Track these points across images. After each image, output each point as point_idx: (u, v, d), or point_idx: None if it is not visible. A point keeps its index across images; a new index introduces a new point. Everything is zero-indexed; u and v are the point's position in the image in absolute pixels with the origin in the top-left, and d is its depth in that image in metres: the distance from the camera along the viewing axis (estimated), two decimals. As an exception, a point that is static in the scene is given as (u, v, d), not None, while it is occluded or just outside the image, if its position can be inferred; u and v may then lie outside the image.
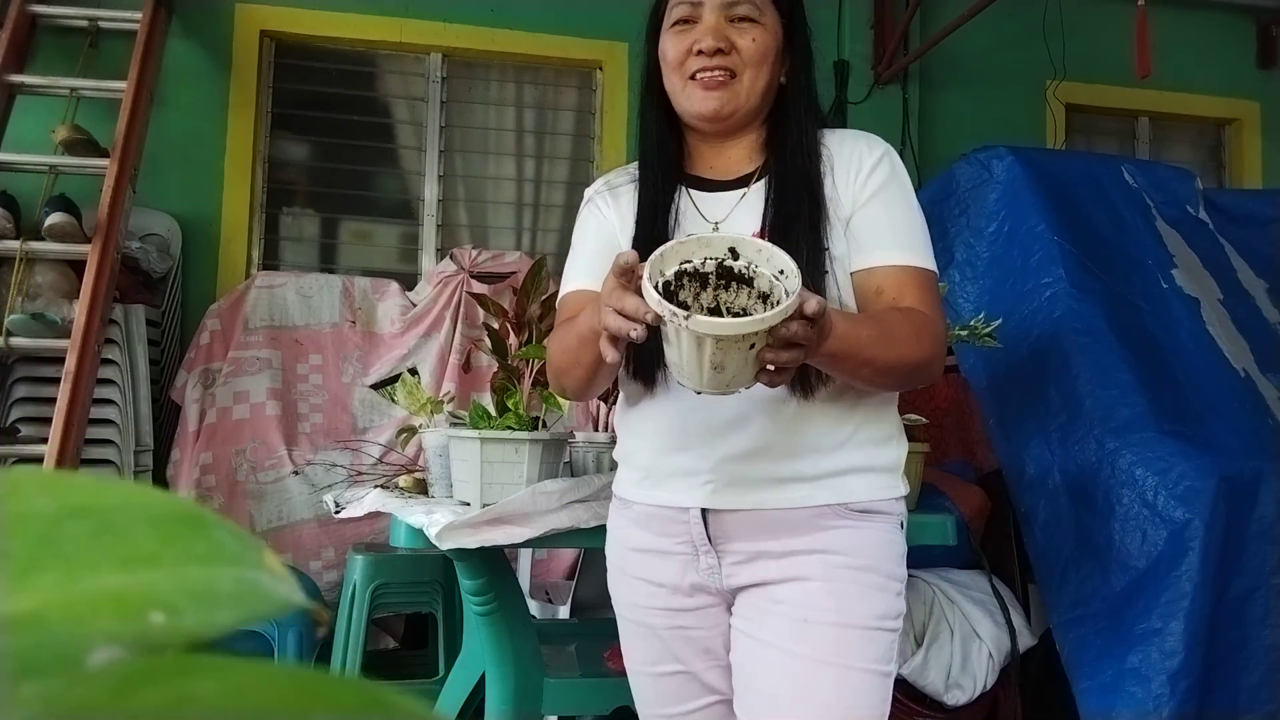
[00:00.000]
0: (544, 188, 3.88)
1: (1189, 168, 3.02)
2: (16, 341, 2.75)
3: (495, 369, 1.87)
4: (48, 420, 2.63)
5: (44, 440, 2.61)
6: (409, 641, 3.15)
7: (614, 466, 1.88)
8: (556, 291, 1.92)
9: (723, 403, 1.17)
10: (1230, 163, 4.40)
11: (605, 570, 1.38)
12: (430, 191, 3.71)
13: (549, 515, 1.61)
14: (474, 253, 3.48)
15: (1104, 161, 2.84)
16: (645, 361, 1.22)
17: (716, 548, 1.22)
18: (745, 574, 1.21)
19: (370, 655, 2.65)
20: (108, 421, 2.90)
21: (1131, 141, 4.33)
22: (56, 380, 2.66)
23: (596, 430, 2.05)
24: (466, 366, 3.09)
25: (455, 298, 3.38)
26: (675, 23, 1.33)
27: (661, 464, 1.25)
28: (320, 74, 3.68)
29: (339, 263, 3.71)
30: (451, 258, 3.48)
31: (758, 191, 1.26)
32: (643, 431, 1.28)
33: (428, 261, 3.67)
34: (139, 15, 3.12)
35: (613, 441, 1.93)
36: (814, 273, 1.16)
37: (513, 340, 1.85)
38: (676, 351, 0.99)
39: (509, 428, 1.71)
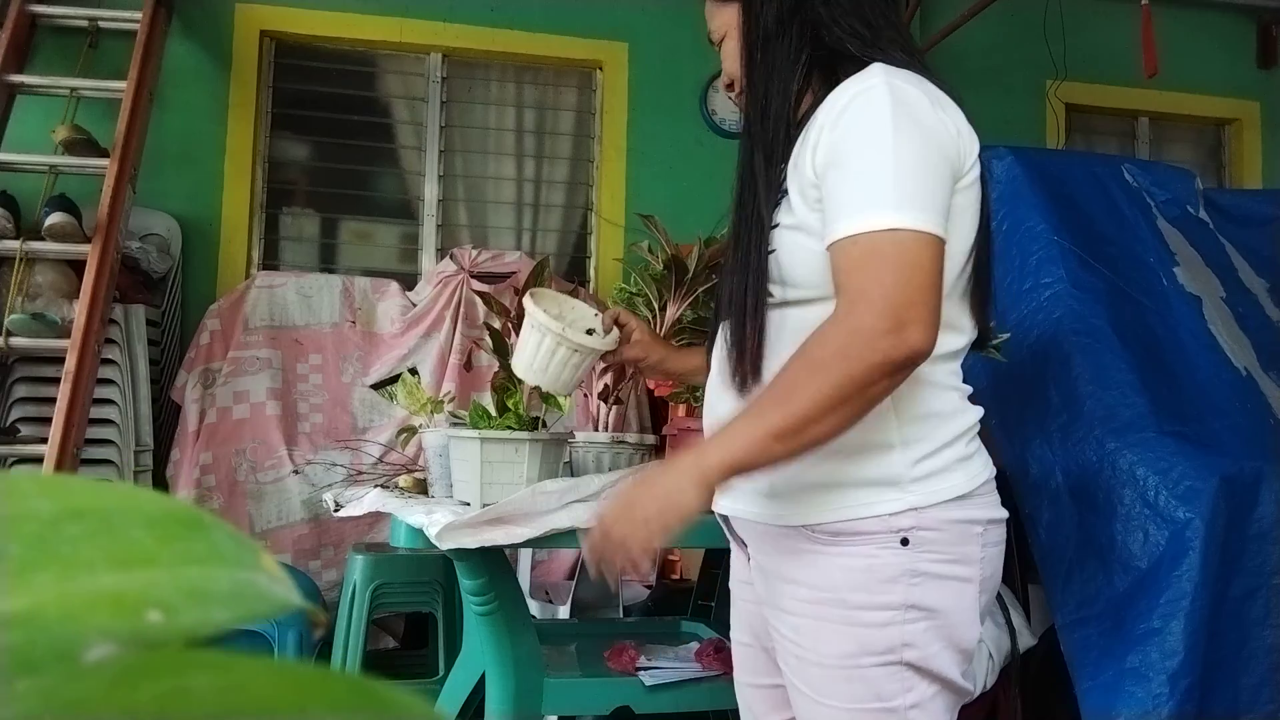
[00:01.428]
0: (544, 188, 3.88)
1: (1189, 168, 3.02)
2: (16, 341, 2.75)
3: (496, 369, 1.87)
4: (48, 420, 2.63)
5: (44, 440, 2.61)
6: (409, 641, 3.15)
7: (614, 466, 1.88)
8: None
9: (721, 406, 1.18)
10: (1230, 163, 4.40)
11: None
12: (430, 191, 3.71)
13: (549, 515, 1.61)
14: (474, 253, 3.48)
15: (1104, 161, 2.84)
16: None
17: (745, 551, 1.25)
18: (761, 583, 1.20)
19: (370, 655, 2.65)
20: (108, 421, 2.90)
21: (1131, 141, 4.33)
22: (56, 380, 2.66)
23: (596, 430, 2.05)
24: (467, 366, 3.09)
25: (455, 297, 3.38)
26: None
27: None
28: (320, 74, 3.68)
29: (339, 263, 3.71)
30: (451, 258, 3.48)
31: None
32: None
33: (428, 261, 3.67)
34: (139, 15, 3.12)
35: (613, 442, 1.93)
36: (753, 254, 1.12)
37: (513, 340, 1.85)
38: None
39: (509, 428, 1.71)
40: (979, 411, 1.16)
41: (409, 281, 3.55)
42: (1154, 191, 2.68)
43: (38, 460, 2.61)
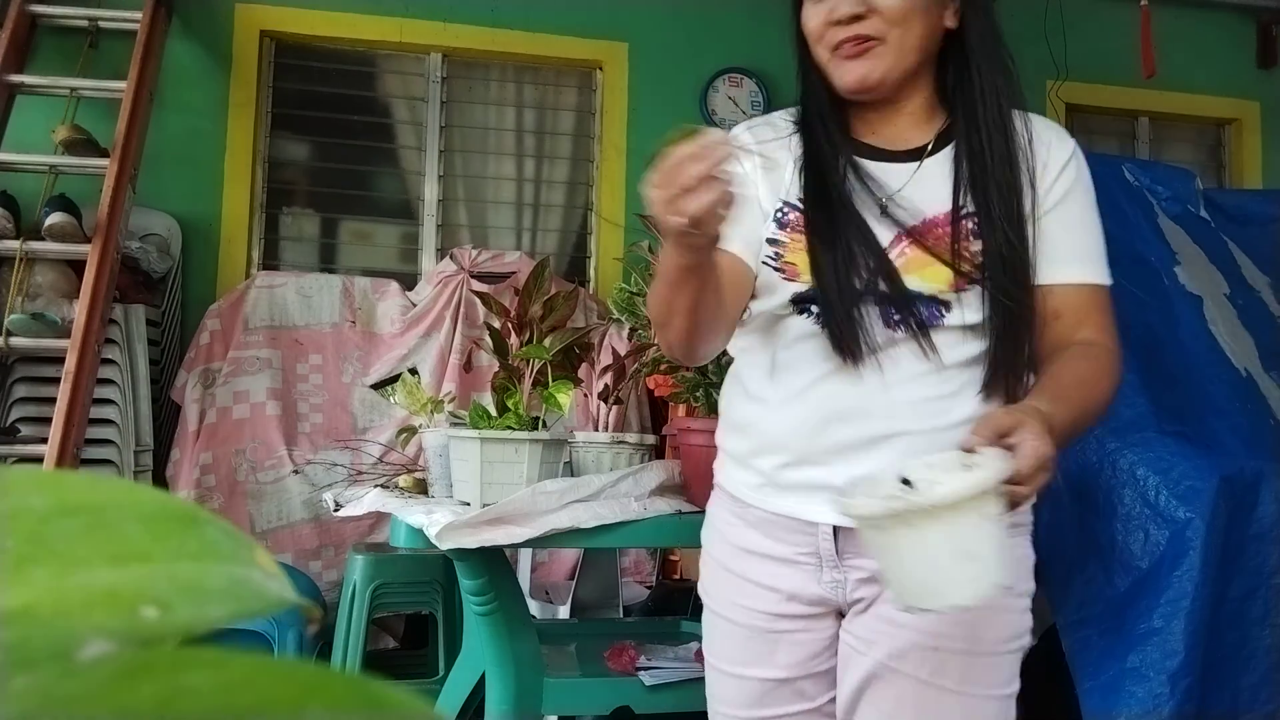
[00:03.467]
0: (544, 188, 3.88)
1: (1189, 167, 3.02)
2: (16, 341, 2.75)
3: (496, 369, 1.87)
4: (48, 420, 2.63)
5: (44, 440, 2.61)
6: (409, 641, 3.15)
7: (614, 466, 1.87)
8: (559, 292, 1.92)
9: (868, 416, 1.09)
10: (1230, 163, 4.40)
11: (605, 571, 1.38)
12: (430, 191, 3.71)
13: (549, 515, 1.61)
14: (474, 253, 3.48)
15: (1104, 161, 2.84)
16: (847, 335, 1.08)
17: (843, 562, 1.13)
18: (868, 589, 1.12)
19: (370, 655, 2.65)
20: (108, 421, 2.90)
21: (1131, 141, 4.33)
22: (56, 380, 2.66)
23: (596, 430, 2.05)
24: (467, 366, 3.09)
25: (455, 298, 3.38)
26: None
27: (788, 474, 1.14)
28: (320, 74, 3.68)
29: (339, 263, 3.71)
30: (451, 258, 3.48)
31: (940, 163, 1.13)
32: (770, 434, 1.16)
33: (428, 261, 3.67)
34: (139, 15, 3.12)
35: (613, 442, 1.93)
36: (1021, 263, 1.09)
37: (514, 340, 1.85)
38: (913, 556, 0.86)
39: (509, 428, 1.71)
40: None
41: (409, 281, 3.55)
42: (1155, 190, 2.68)
43: (38, 460, 2.61)
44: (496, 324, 1.89)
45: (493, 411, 1.76)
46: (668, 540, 2.27)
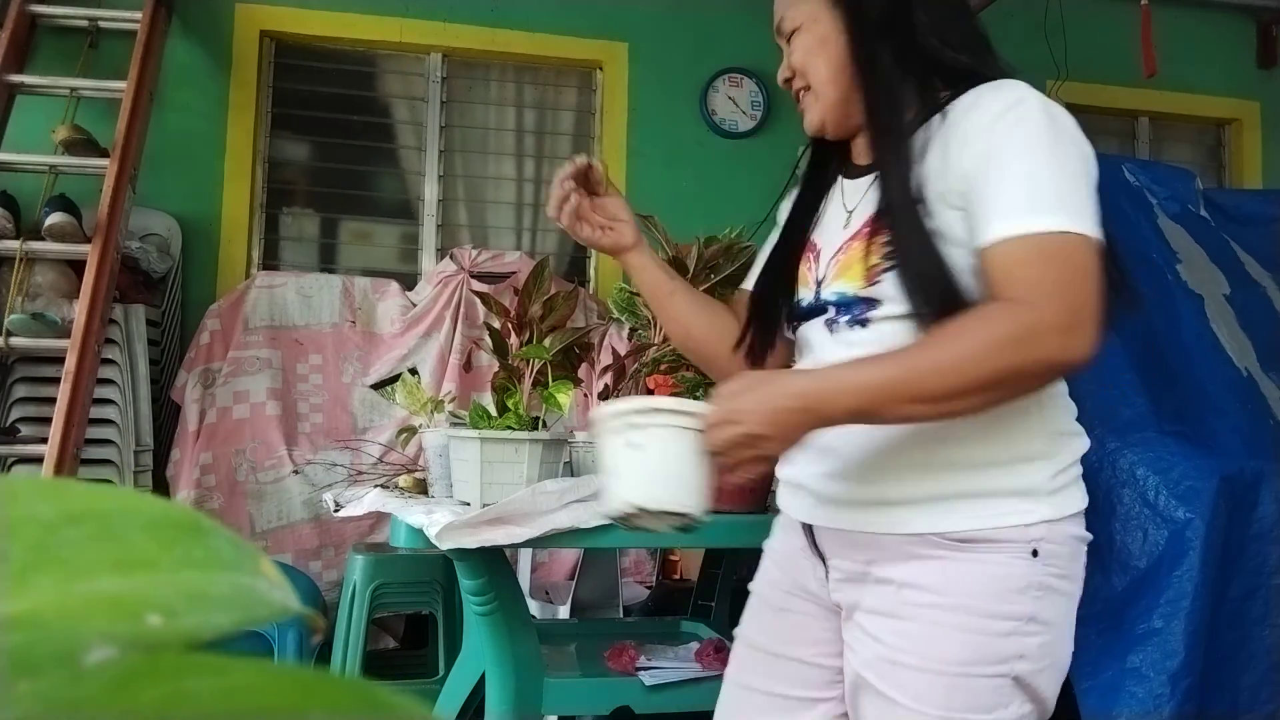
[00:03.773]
0: (544, 188, 3.87)
1: (1189, 167, 3.02)
2: (16, 341, 2.75)
3: (496, 369, 1.87)
4: (48, 420, 2.63)
5: (44, 440, 2.61)
6: (409, 641, 3.15)
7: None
8: (559, 292, 1.92)
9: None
10: (1230, 163, 4.40)
11: (605, 571, 1.39)
12: (430, 191, 3.71)
13: (549, 515, 1.61)
14: (474, 253, 3.48)
15: (1104, 160, 2.83)
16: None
17: (826, 562, 1.19)
18: (848, 593, 1.16)
19: (370, 655, 2.65)
20: (108, 421, 2.90)
21: (1131, 141, 4.33)
22: (56, 380, 2.66)
23: (596, 430, 2.04)
24: (467, 366, 3.09)
25: (455, 298, 3.38)
26: None
27: (781, 471, 1.25)
28: (320, 74, 3.68)
29: (339, 263, 3.71)
30: (451, 258, 3.48)
31: (874, 178, 1.17)
32: None
33: (428, 261, 3.67)
34: (139, 15, 3.12)
35: (613, 441, 1.93)
36: (926, 264, 1.05)
37: (514, 340, 1.85)
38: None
39: (509, 427, 1.71)
40: (1087, 439, 1.17)
41: (409, 281, 3.56)
42: (1154, 189, 2.68)
43: (38, 460, 2.61)
44: (496, 324, 1.89)
45: (493, 411, 1.76)
46: (668, 540, 2.27)
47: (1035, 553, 1.06)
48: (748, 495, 1.75)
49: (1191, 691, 1.93)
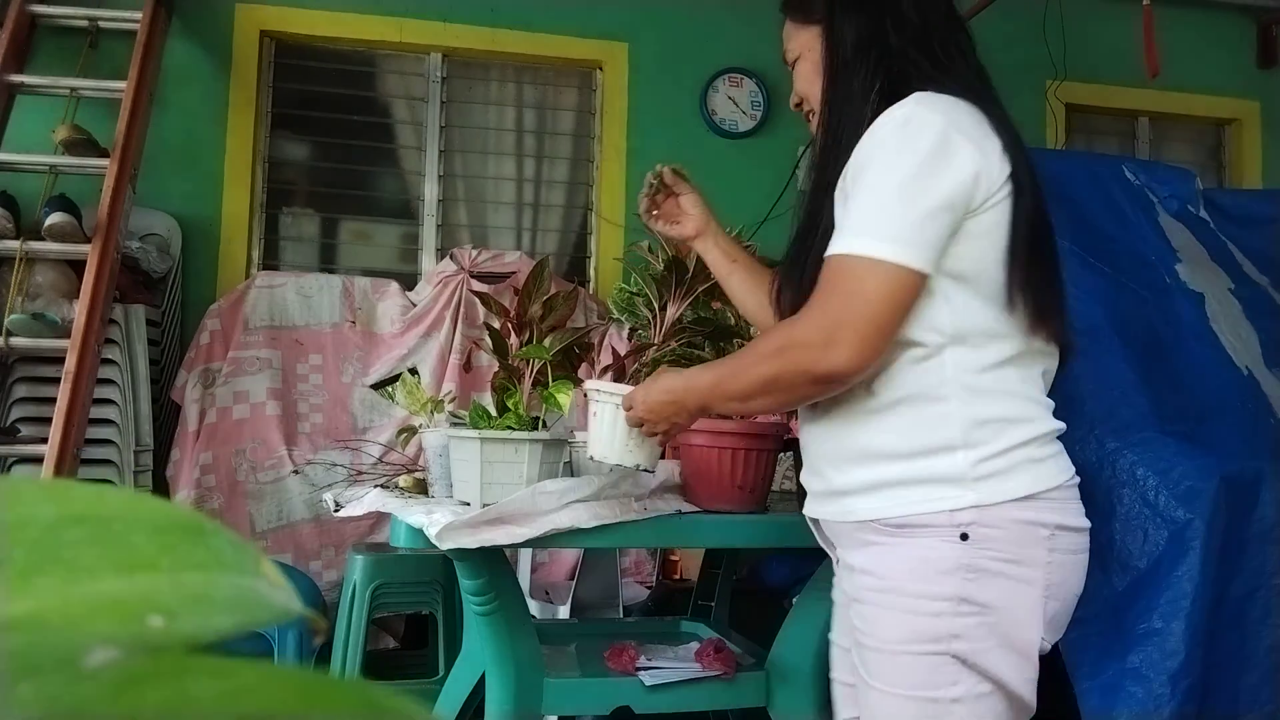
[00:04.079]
0: (544, 188, 3.88)
1: (1189, 167, 3.02)
2: (16, 341, 2.75)
3: (496, 369, 1.87)
4: (48, 420, 2.63)
5: (44, 440, 2.61)
6: (409, 641, 3.15)
7: (614, 467, 1.88)
8: (559, 292, 1.92)
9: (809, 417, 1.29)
10: (1230, 163, 4.40)
11: (605, 571, 1.41)
12: (430, 191, 3.71)
13: (549, 515, 1.61)
14: (474, 253, 3.48)
15: (1104, 160, 2.84)
16: None
17: (835, 553, 1.32)
18: (841, 580, 1.29)
19: (370, 655, 2.65)
20: (108, 421, 2.90)
21: (1131, 141, 4.33)
22: (56, 380, 2.66)
23: (596, 430, 2.04)
24: (467, 366, 3.09)
25: (455, 298, 3.38)
26: None
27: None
28: (320, 74, 3.68)
29: (339, 263, 3.71)
30: (451, 258, 3.48)
31: None
32: None
33: (428, 261, 3.67)
34: (139, 15, 3.12)
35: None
36: (803, 251, 1.23)
37: (514, 340, 1.85)
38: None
39: (509, 428, 1.71)
40: (1058, 424, 1.23)
41: (409, 281, 3.56)
42: (1155, 189, 2.68)
43: (38, 460, 2.61)
44: (496, 324, 1.89)
45: (493, 411, 1.76)
46: (668, 540, 2.27)
47: (965, 536, 1.11)
48: (747, 496, 1.75)
49: (1191, 692, 1.93)
